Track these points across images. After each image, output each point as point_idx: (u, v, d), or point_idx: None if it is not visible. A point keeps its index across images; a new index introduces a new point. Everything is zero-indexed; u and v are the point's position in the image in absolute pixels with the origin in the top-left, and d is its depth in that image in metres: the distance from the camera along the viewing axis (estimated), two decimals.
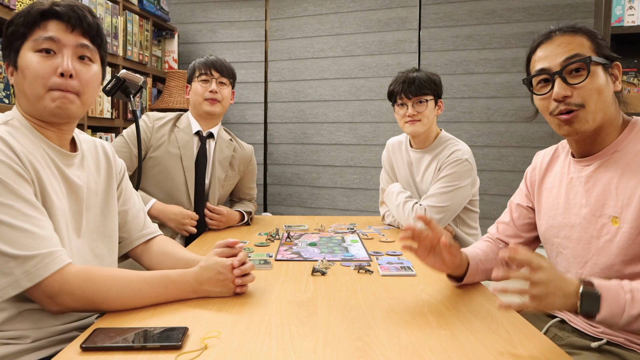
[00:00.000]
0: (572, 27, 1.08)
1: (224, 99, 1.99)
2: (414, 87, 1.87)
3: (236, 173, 2.08)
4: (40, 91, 1.00)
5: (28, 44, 1.01)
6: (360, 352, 0.82)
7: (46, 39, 1.00)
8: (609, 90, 1.06)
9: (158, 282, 1.03)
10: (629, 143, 1.05)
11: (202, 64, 1.98)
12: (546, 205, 1.22)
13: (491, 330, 0.92)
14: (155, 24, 3.31)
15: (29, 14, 1.01)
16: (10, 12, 1.83)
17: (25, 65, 1.00)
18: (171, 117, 2.00)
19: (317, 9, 3.46)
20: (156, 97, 3.38)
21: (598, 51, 1.06)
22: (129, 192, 1.31)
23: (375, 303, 1.06)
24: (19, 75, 1.02)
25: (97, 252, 1.15)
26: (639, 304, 0.86)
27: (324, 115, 3.48)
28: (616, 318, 0.87)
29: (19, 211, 0.92)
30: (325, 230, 1.91)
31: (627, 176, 1.02)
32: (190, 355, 0.80)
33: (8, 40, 1.03)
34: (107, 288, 0.97)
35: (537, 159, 1.31)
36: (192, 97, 1.99)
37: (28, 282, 0.91)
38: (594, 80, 1.03)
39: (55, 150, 1.06)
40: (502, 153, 3.04)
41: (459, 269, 1.17)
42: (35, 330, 1.00)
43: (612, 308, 0.87)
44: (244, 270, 1.08)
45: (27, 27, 1.01)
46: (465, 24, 3.13)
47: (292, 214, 3.52)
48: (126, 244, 1.29)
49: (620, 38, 2.32)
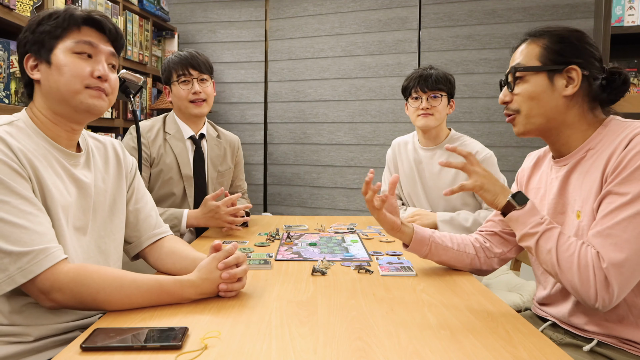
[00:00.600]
0: (533, 34, 1.14)
1: (209, 97, 1.95)
2: (430, 81, 1.92)
3: (228, 163, 2.08)
4: (78, 87, 1.07)
5: (65, 44, 1.07)
6: (360, 352, 0.82)
7: (86, 43, 1.08)
8: (551, 95, 1.10)
9: (150, 290, 1.00)
10: (601, 140, 1.08)
11: (178, 64, 1.91)
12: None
13: (491, 330, 0.92)
14: (155, 24, 3.31)
15: (71, 18, 1.08)
16: (10, 12, 1.83)
17: (63, 63, 1.06)
18: (158, 125, 1.93)
19: (317, 9, 3.46)
20: (156, 97, 3.38)
21: (547, 58, 1.10)
22: (141, 192, 1.32)
23: (375, 303, 1.06)
24: (53, 72, 1.06)
25: (103, 248, 1.17)
26: (547, 239, 1.02)
27: (324, 115, 3.48)
28: (525, 225, 1.05)
29: (15, 207, 0.94)
30: (325, 230, 1.91)
31: (592, 171, 1.06)
32: (190, 355, 0.80)
33: (40, 38, 1.07)
34: (96, 290, 0.97)
35: (526, 160, 1.36)
36: (176, 101, 1.94)
37: (22, 278, 0.92)
38: (525, 87, 1.12)
39: (60, 150, 1.09)
40: (502, 153, 3.04)
41: (403, 235, 1.29)
42: (37, 327, 1.01)
43: (530, 213, 1.06)
44: (233, 274, 1.05)
45: (64, 29, 1.07)
46: (465, 24, 3.13)
47: (292, 214, 3.52)
48: (138, 243, 1.30)
49: (620, 38, 2.32)
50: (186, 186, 1.91)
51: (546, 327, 1.19)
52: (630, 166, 0.98)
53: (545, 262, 1.03)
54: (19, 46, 1.10)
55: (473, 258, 1.30)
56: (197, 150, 1.97)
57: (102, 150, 1.24)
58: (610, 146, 1.04)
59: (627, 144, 1.00)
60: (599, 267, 0.96)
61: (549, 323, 1.19)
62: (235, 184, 2.16)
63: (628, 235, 0.95)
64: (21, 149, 0.99)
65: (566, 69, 1.09)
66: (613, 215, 0.98)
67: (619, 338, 1.05)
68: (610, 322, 1.05)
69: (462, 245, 1.31)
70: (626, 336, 1.03)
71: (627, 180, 0.98)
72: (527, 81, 1.12)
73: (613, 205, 0.98)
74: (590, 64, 1.09)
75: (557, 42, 1.10)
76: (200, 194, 1.96)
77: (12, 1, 1.83)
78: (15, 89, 1.93)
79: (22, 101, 1.97)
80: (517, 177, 1.37)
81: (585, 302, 0.99)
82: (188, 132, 1.96)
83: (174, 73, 1.93)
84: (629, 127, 1.04)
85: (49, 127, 1.09)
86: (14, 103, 1.93)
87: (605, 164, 1.03)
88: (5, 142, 0.97)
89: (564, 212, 1.14)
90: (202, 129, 2.00)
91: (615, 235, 0.96)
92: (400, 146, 2.13)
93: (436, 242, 1.29)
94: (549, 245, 1.02)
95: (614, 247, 0.95)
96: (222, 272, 1.04)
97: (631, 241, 0.95)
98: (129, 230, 1.29)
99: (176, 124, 1.96)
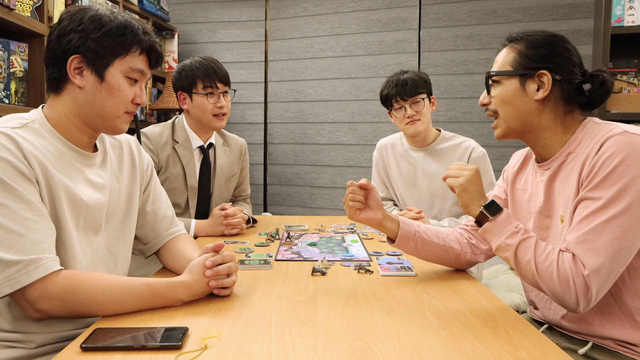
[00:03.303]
0: (512, 39, 1.17)
1: (229, 110, 1.91)
2: (408, 88, 1.90)
3: (235, 169, 2.06)
4: (120, 112, 1.09)
5: (121, 64, 1.07)
6: (360, 352, 0.82)
7: (138, 71, 1.10)
8: (523, 99, 1.12)
9: (143, 295, 0.98)
10: (579, 144, 1.08)
11: (205, 75, 1.82)
12: (519, 206, 1.26)
13: (491, 330, 0.92)
14: (155, 24, 3.31)
15: (139, 42, 1.08)
16: (10, 12, 1.83)
17: (117, 86, 1.07)
18: (167, 132, 1.88)
19: (317, 9, 3.46)
20: (156, 97, 3.38)
21: (519, 63, 1.12)
22: (157, 192, 1.32)
23: (375, 303, 1.06)
24: (103, 89, 1.06)
25: (112, 250, 1.16)
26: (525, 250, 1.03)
27: (324, 115, 3.48)
28: (500, 235, 1.06)
29: (13, 212, 0.91)
30: (325, 230, 1.91)
31: (571, 175, 1.07)
32: (190, 355, 0.80)
33: (100, 49, 1.04)
34: (88, 299, 0.94)
35: (512, 159, 1.38)
36: (197, 112, 1.85)
37: (8, 288, 0.89)
38: (499, 91, 1.15)
39: (75, 151, 1.07)
40: (502, 153, 3.04)
41: (387, 230, 1.29)
42: (42, 334, 1.00)
43: (505, 222, 1.07)
44: (217, 271, 1.04)
45: (125, 49, 1.07)
46: (465, 24, 3.13)
47: (292, 214, 3.52)
48: (154, 244, 1.30)
49: (620, 38, 2.32)
50: (190, 197, 1.89)
51: (543, 331, 1.19)
52: (603, 171, 0.98)
53: (525, 271, 1.04)
54: (62, 35, 1.03)
55: (459, 254, 1.30)
56: (205, 159, 1.93)
57: (117, 148, 1.22)
58: (586, 150, 1.05)
59: (598, 149, 1.01)
60: (577, 274, 0.97)
61: (545, 326, 1.20)
62: (240, 188, 2.14)
63: (603, 240, 0.96)
64: (32, 152, 0.96)
65: (537, 74, 1.10)
66: (588, 221, 0.99)
67: (614, 340, 1.05)
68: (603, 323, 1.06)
69: (447, 241, 1.30)
70: (621, 338, 1.03)
71: (599, 186, 0.99)
72: (501, 84, 1.15)
73: (587, 211, 0.99)
74: (563, 68, 1.09)
75: (531, 47, 1.12)
76: (203, 203, 1.94)
77: (12, 1, 1.83)
78: (15, 89, 1.93)
79: (22, 101, 1.96)
80: (503, 174, 1.38)
81: (567, 307, 1.00)
82: (197, 142, 1.91)
83: (199, 83, 1.83)
84: (602, 130, 1.04)
85: (69, 130, 1.06)
86: (14, 103, 1.93)
87: (581, 169, 1.04)
88: (14, 142, 0.94)
89: (550, 215, 1.15)
90: (211, 138, 1.96)
91: (591, 241, 0.97)
92: (388, 148, 2.13)
93: (422, 237, 1.28)
94: (527, 256, 1.03)
95: (591, 252, 0.97)
96: (206, 271, 1.04)
97: (606, 245, 0.96)
98: (145, 230, 1.29)
99: (185, 132, 1.89)
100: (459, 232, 1.34)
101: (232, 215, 1.78)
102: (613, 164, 0.97)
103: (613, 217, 0.96)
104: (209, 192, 1.95)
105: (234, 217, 1.78)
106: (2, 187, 0.91)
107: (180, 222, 1.38)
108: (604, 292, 0.98)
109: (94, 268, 1.09)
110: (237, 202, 2.15)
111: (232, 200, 2.15)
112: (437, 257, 1.31)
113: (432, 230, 1.31)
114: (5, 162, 0.92)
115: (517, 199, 1.27)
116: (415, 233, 1.28)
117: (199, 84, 1.83)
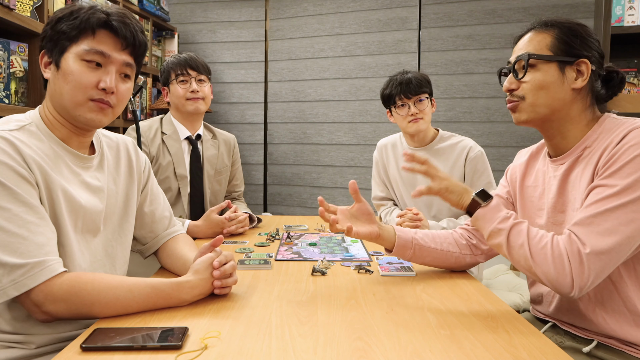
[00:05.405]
0: (544, 23, 1.13)
1: (206, 96, 1.98)
2: (412, 86, 1.92)
3: (225, 162, 2.08)
4: (81, 99, 1.02)
5: (76, 48, 1.02)
6: (360, 352, 0.82)
7: (97, 53, 1.02)
8: (561, 86, 1.09)
9: (147, 297, 0.98)
10: (597, 139, 1.08)
11: (177, 65, 1.94)
12: (530, 203, 1.24)
13: (491, 330, 0.92)
14: (155, 24, 3.31)
15: (87, 21, 1.01)
16: (10, 12, 1.83)
17: (70, 71, 1.01)
18: (155, 125, 1.95)
19: (317, 9, 3.46)
20: (156, 97, 3.38)
21: (558, 48, 1.09)
22: (155, 192, 1.32)
23: (375, 303, 1.06)
24: (59, 77, 1.02)
25: (110, 252, 1.15)
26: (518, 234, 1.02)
27: (324, 115, 3.48)
28: (492, 221, 1.06)
29: (16, 215, 0.91)
30: (325, 230, 1.91)
31: (588, 169, 1.06)
32: (190, 355, 0.80)
33: (56, 36, 1.02)
34: (91, 302, 0.94)
35: (517, 157, 1.35)
36: (174, 100, 1.96)
37: (14, 291, 0.89)
38: (535, 76, 1.10)
39: (72, 154, 1.07)
40: (502, 153, 3.04)
41: (385, 242, 1.26)
42: (42, 335, 1.00)
43: (496, 209, 1.07)
44: (224, 271, 1.05)
45: (79, 32, 1.02)
46: (465, 24, 3.13)
47: (292, 214, 3.52)
48: (152, 244, 1.30)
49: (620, 38, 2.32)
50: (181, 186, 1.92)
51: (547, 329, 1.19)
52: (622, 160, 0.98)
53: (518, 256, 1.03)
54: (40, 39, 1.06)
55: (458, 257, 1.30)
56: (194, 150, 1.98)
57: (114, 149, 1.21)
58: (604, 143, 1.04)
59: (621, 139, 1.00)
60: (573, 253, 0.96)
61: (549, 324, 1.19)
62: (232, 184, 2.16)
63: (610, 225, 0.95)
64: (31, 154, 0.96)
65: (577, 62, 1.09)
66: (598, 205, 0.97)
67: (618, 339, 1.04)
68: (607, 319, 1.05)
69: (445, 244, 1.29)
70: (625, 337, 1.03)
71: (616, 173, 0.98)
72: (538, 69, 1.10)
73: (599, 196, 0.98)
74: (597, 60, 1.10)
75: (569, 34, 1.10)
76: (197, 193, 1.96)
77: (12, 1, 1.83)
78: (15, 89, 1.93)
79: (22, 101, 1.97)
80: (507, 174, 1.35)
81: (561, 291, 0.98)
82: (184, 132, 1.97)
83: (172, 73, 1.95)
84: (625, 124, 1.04)
85: (59, 129, 1.06)
86: (14, 103, 1.93)
87: (597, 160, 1.03)
88: (13, 145, 0.94)
89: (564, 210, 1.13)
90: (199, 130, 2.02)
91: (597, 224, 0.96)
92: (388, 148, 2.13)
93: (419, 244, 1.27)
94: (520, 239, 1.02)
95: (596, 234, 0.96)
96: (214, 271, 1.04)
97: (613, 230, 0.95)
98: (144, 231, 1.29)
99: (172, 124, 1.97)
100: (459, 232, 1.33)
101: (234, 218, 1.78)
102: (634, 154, 0.96)
103: (624, 204, 0.95)
104: (201, 182, 1.98)
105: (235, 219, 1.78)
106: (3, 191, 0.91)
107: (178, 222, 1.38)
108: (601, 279, 0.97)
109: (93, 270, 1.09)
110: (232, 200, 2.16)
111: (226, 196, 2.16)
112: (436, 261, 1.31)
113: (429, 235, 1.31)
114: (5, 165, 0.92)
115: (527, 196, 1.25)
116: (412, 240, 1.27)
117: (172, 74, 1.95)
